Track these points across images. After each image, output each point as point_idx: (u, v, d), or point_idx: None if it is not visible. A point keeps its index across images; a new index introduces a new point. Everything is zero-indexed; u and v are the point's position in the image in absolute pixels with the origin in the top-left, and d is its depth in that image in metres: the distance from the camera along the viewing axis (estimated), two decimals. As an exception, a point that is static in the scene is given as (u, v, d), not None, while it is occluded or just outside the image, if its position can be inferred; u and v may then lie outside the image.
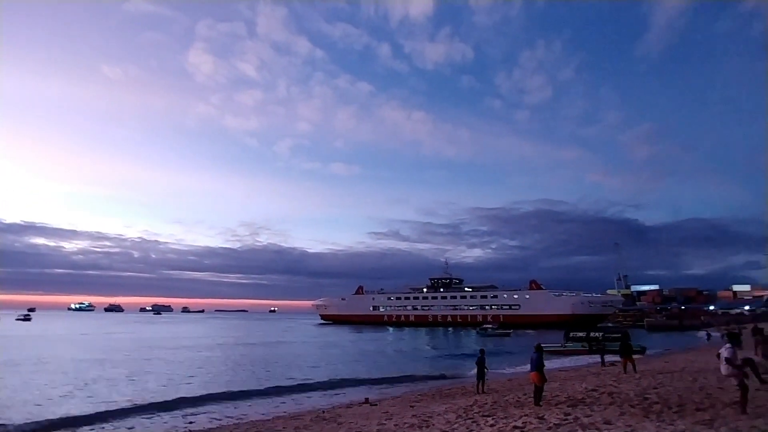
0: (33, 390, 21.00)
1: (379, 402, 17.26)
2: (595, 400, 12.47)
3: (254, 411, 17.16)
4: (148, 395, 19.83)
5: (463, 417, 11.81)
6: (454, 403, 14.84)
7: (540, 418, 10.44)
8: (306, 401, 19.28)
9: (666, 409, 10.24)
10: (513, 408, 12.42)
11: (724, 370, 9.08)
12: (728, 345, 9.22)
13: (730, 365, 8.89)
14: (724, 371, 9.09)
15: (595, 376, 19.87)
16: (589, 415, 10.23)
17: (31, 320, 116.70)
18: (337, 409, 16.07)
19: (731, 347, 9.09)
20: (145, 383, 23.52)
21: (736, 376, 8.97)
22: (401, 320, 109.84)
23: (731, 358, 8.90)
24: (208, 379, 25.49)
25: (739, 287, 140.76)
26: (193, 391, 21.07)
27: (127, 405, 17.76)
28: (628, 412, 10.34)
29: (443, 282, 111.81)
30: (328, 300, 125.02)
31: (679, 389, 13.24)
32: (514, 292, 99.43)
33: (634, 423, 9.15)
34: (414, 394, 19.50)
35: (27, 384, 22.64)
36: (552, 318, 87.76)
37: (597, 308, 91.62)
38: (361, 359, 36.88)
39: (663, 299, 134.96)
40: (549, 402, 12.65)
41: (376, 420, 13.17)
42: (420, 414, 13.18)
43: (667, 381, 15.46)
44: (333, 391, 21.86)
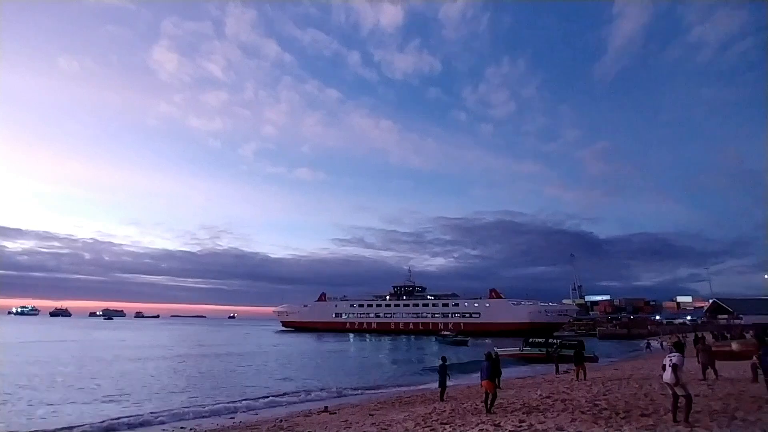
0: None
1: (338, 410, 17.07)
2: (549, 406, 12.88)
3: (209, 422, 16.56)
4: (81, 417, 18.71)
5: (421, 425, 11.88)
6: (413, 411, 14.90)
7: (496, 425, 10.68)
8: (263, 411, 18.81)
9: (614, 415, 10.71)
10: (470, 415, 12.62)
11: (670, 378, 9.24)
12: (676, 353, 9.52)
13: (674, 373, 9.14)
14: (670, 379, 9.24)
15: (549, 383, 20.50)
16: (543, 422, 10.56)
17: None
18: (296, 418, 15.75)
19: (679, 356, 9.40)
20: (82, 402, 22.18)
21: (681, 385, 9.20)
22: (363, 327, 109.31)
23: (679, 366, 9.17)
24: (157, 390, 24.40)
25: (682, 298, 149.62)
26: (139, 406, 20.12)
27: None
28: (579, 418, 10.74)
29: (406, 290, 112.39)
30: (290, 306, 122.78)
31: (627, 396, 13.89)
32: (475, 300, 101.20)
33: (585, 428, 9.53)
34: (374, 402, 19.42)
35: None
36: (510, 326, 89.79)
37: (553, 317, 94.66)
38: (321, 367, 36.40)
39: (614, 309, 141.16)
40: (505, 409, 12.95)
41: (335, 428, 13.03)
42: (379, 422, 13.15)
43: (616, 388, 16.17)
44: (292, 400, 21.44)
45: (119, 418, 16.72)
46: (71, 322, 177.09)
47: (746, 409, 10.45)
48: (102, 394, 21.79)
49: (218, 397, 21.68)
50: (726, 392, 13.24)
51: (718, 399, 12.18)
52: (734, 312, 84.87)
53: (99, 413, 17.51)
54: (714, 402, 11.74)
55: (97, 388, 23.54)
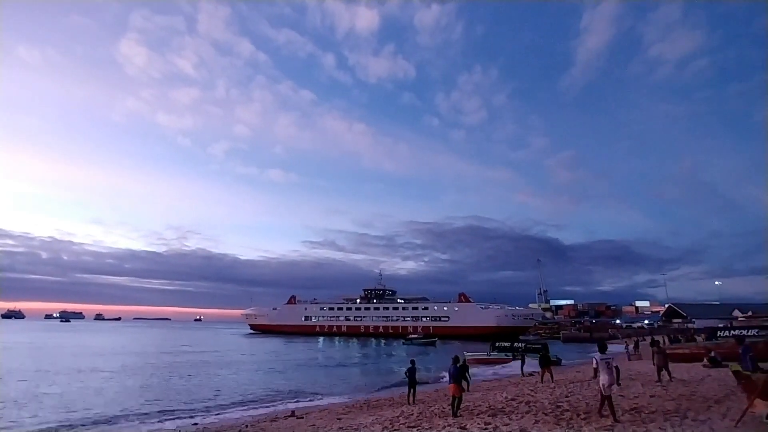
0: None
1: (305, 415, 16.88)
2: (514, 409, 13.17)
3: (172, 425, 16.05)
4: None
5: (389, 428, 11.92)
6: (381, 415, 14.91)
7: (462, 428, 10.84)
8: (228, 416, 18.38)
9: (575, 416, 11.06)
10: (437, 419, 12.74)
11: (608, 380, 9.80)
12: (610, 356, 10.21)
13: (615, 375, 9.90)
14: (609, 381, 9.80)
15: (515, 386, 20.95)
16: (507, 424, 10.79)
17: None
18: (262, 423, 15.49)
19: (604, 357, 10.03)
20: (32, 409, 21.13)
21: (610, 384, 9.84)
22: (333, 331, 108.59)
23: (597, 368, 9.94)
24: (116, 395, 23.48)
25: (640, 303, 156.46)
26: (101, 412, 19.33)
27: None
28: (542, 419, 11.04)
29: (377, 293, 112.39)
30: (259, 309, 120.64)
31: (588, 397, 14.37)
32: (444, 304, 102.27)
33: (547, 430, 9.80)
34: (341, 406, 19.33)
35: None
36: (479, 330, 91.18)
37: (519, 321, 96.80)
38: (288, 371, 35.90)
39: (577, 313, 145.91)
40: (471, 412, 13.16)
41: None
42: (347, 426, 13.10)
43: (578, 390, 16.70)
44: (258, 405, 21.05)
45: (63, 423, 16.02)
46: (24, 324, 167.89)
47: (697, 409, 11.00)
48: (55, 400, 20.77)
49: (180, 402, 21.05)
50: (678, 393, 13.90)
51: (671, 399, 12.77)
52: (687, 316, 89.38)
53: (48, 418, 16.69)
54: (667, 402, 12.30)
55: (51, 393, 22.43)
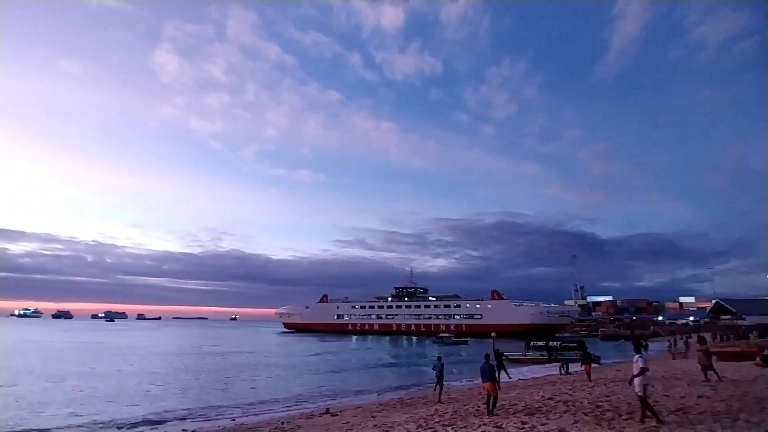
0: None
1: (340, 412, 17.04)
2: (551, 408, 12.83)
3: (211, 424, 16.57)
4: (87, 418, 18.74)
5: (423, 427, 11.85)
6: (415, 413, 14.87)
7: (498, 427, 10.65)
8: (265, 413, 18.80)
9: (617, 417, 10.65)
10: (473, 417, 12.58)
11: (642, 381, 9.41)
12: (639, 354, 9.65)
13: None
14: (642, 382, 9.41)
15: (551, 385, 20.44)
16: (545, 424, 10.51)
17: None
18: (297, 420, 15.74)
19: (640, 356, 9.54)
20: (97, 403, 22.23)
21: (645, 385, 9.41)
22: (365, 329, 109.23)
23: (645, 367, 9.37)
24: (161, 393, 24.44)
25: (685, 299, 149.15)
26: (147, 409, 20.16)
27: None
28: (581, 419, 10.69)
29: (408, 291, 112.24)
30: (292, 308, 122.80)
31: (629, 397, 13.80)
32: (477, 302, 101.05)
33: (587, 430, 9.49)
34: (375, 404, 19.39)
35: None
36: (512, 328, 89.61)
37: (555, 318, 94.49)
38: (323, 369, 36.35)
39: (616, 310, 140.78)
40: (507, 411, 12.91)
41: (336, 430, 13.02)
42: (381, 424, 13.12)
43: (619, 389, 16.10)
44: (293, 402, 21.42)
45: (118, 419, 16.79)
46: (73, 324, 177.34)
47: (750, 410, 10.39)
48: (106, 398, 21.86)
49: (219, 400, 21.71)
50: (729, 393, 13.17)
51: (721, 400, 12.11)
52: (737, 312, 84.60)
53: (101, 414, 17.56)
54: (717, 403, 11.68)
55: (102, 391, 23.60)
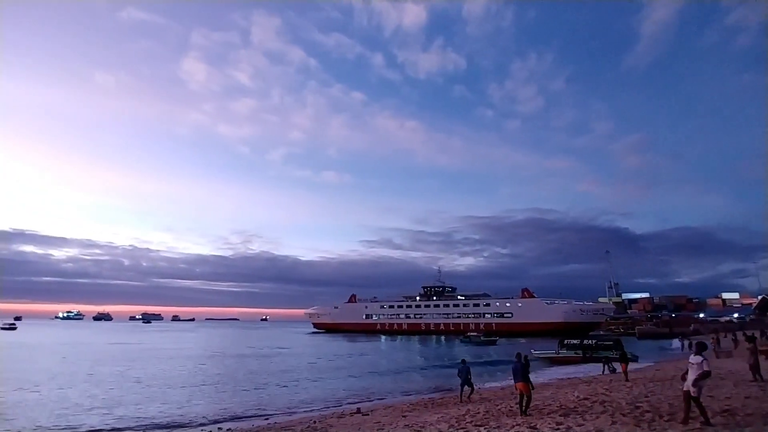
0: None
1: (371, 412, 17.10)
2: (587, 408, 12.48)
3: (244, 423, 16.91)
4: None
5: (455, 427, 11.73)
6: (446, 413, 14.75)
7: (532, 427, 10.42)
8: (296, 412, 19.06)
9: (657, 418, 10.26)
10: (505, 417, 12.37)
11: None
12: (698, 355, 9.08)
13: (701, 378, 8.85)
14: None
15: (586, 384, 19.89)
16: (581, 424, 10.22)
17: (16, 329, 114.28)
18: (329, 419, 15.88)
19: (704, 358, 8.99)
20: (150, 403, 23.10)
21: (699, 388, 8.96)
22: (394, 329, 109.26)
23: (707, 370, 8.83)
24: (196, 393, 25.13)
25: (728, 295, 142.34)
26: (183, 410, 20.79)
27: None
28: (619, 420, 10.34)
29: (436, 290, 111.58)
30: (321, 308, 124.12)
31: (670, 397, 13.28)
32: (507, 300, 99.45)
33: (626, 431, 9.17)
34: (406, 403, 19.35)
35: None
36: (544, 326, 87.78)
37: (589, 316, 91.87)
38: (353, 368, 36.55)
39: (653, 307, 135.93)
40: (541, 411, 12.63)
41: (368, 430, 13.05)
42: (412, 424, 13.07)
43: (659, 389, 15.52)
44: (324, 401, 21.62)
45: (155, 419, 17.36)
46: (113, 326, 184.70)
47: (803, 412, 9.81)
48: (143, 396, 22.66)
49: (252, 399, 22.15)
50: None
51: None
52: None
53: (138, 415, 18.23)
54: (766, 404, 11.09)
55: (140, 391, 24.50)
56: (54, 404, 20.06)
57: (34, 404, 20.00)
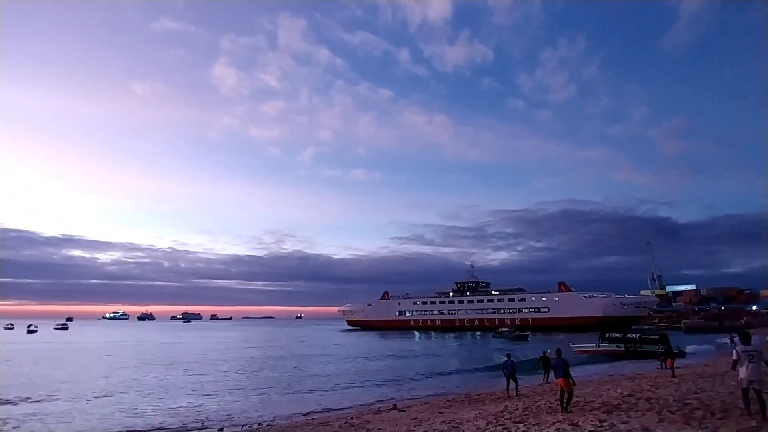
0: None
1: (407, 408, 17.10)
2: (632, 405, 12.02)
3: (283, 417, 17.29)
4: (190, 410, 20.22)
5: (493, 423, 11.57)
6: (483, 409, 14.57)
7: (574, 424, 10.12)
8: (333, 408, 19.29)
9: (709, 416, 9.75)
10: (545, 414, 12.08)
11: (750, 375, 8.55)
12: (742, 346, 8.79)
13: None
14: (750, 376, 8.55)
15: (630, 380, 19.18)
16: (626, 422, 9.85)
17: (68, 329, 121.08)
18: (365, 416, 16.00)
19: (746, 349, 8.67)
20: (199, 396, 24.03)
21: None
22: (428, 325, 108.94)
23: None
24: (233, 388, 25.87)
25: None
26: (230, 396, 21.47)
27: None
28: (667, 418, 9.91)
29: (469, 285, 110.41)
30: (354, 306, 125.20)
31: (723, 394, 12.61)
32: (543, 294, 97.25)
33: (675, 430, 8.78)
34: (443, 400, 19.25)
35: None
36: (583, 321, 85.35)
37: (630, 310, 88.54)
38: (388, 364, 36.69)
39: (701, 299, 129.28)
40: (582, 408, 12.26)
41: (405, 426, 13.04)
42: (449, 420, 12.98)
43: (709, 386, 14.77)
44: (360, 398, 21.80)
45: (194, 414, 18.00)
46: (156, 325, 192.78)
47: None
48: (186, 392, 23.57)
49: (291, 395, 22.61)
50: None
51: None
52: None
53: (183, 411, 18.94)
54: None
55: (187, 387, 25.50)
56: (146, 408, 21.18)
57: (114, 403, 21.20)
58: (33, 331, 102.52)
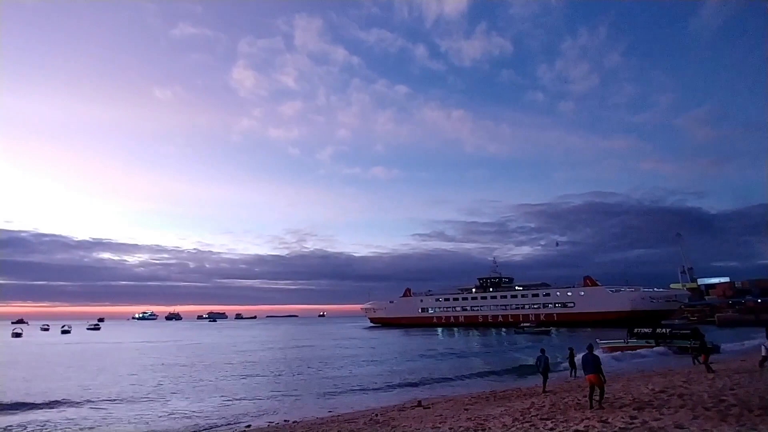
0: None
1: (432, 405, 17.06)
2: (664, 402, 11.69)
3: (309, 414, 17.49)
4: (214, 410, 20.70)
5: (520, 420, 11.42)
6: (510, 406, 14.41)
7: (603, 421, 9.90)
8: (359, 405, 19.40)
9: (746, 412, 9.41)
10: (573, 411, 11.86)
11: None
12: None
13: None
14: None
15: (661, 376, 18.66)
16: (658, 419, 9.58)
17: (100, 329, 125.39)
18: (390, 412, 16.03)
19: None
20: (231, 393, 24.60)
21: None
22: (450, 321, 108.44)
23: None
24: (266, 385, 26.31)
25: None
26: (256, 394, 21.88)
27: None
28: (702, 415, 9.60)
29: (492, 281, 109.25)
30: (377, 303, 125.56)
31: (761, 390, 12.15)
32: (568, 289, 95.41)
33: (710, 427, 8.49)
34: (468, 396, 19.12)
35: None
36: (610, 315, 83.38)
37: (660, 304, 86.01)
38: (411, 362, 36.67)
39: (735, 292, 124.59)
40: (612, 404, 11.99)
41: (430, 423, 13.00)
42: (475, 417, 12.88)
43: (746, 381, 14.24)
44: (385, 394, 21.88)
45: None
46: (183, 324, 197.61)
47: None
48: (216, 389, 24.11)
49: (317, 391, 22.85)
50: None
51: None
52: None
53: (214, 410, 19.39)
54: None
55: (219, 385, 26.10)
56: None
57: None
58: (66, 332, 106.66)
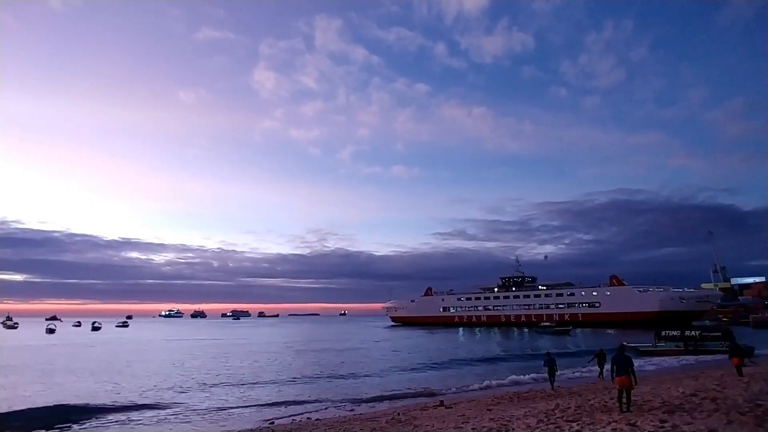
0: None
1: (454, 405, 16.97)
2: (696, 406, 11.32)
3: (331, 413, 17.64)
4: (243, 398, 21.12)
5: (544, 422, 11.24)
6: (534, 407, 14.20)
7: (632, 425, 9.65)
8: (381, 403, 19.46)
9: (785, 418, 9.02)
10: (600, 413, 11.60)
11: None
12: None
13: None
14: None
15: (693, 379, 18.07)
16: (690, 423, 9.28)
17: (128, 326, 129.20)
18: (412, 411, 16.02)
19: None
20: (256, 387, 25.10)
21: None
22: (472, 321, 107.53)
23: None
24: (289, 383, 26.64)
25: None
26: (274, 396, 22.20)
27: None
28: (736, 420, 9.25)
29: (515, 281, 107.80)
30: (398, 302, 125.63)
31: (800, 395, 11.64)
32: (593, 289, 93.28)
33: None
34: (490, 397, 18.94)
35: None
36: (637, 316, 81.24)
37: (690, 304, 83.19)
38: (433, 360, 36.54)
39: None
40: (641, 408, 11.68)
41: (452, 423, 12.94)
42: (498, 418, 12.75)
43: (784, 385, 13.66)
44: (407, 393, 21.84)
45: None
46: (208, 322, 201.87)
47: None
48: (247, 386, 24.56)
49: (338, 390, 23.02)
50: None
51: None
52: None
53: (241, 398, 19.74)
54: None
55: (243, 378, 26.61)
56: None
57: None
58: (97, 328, 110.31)
